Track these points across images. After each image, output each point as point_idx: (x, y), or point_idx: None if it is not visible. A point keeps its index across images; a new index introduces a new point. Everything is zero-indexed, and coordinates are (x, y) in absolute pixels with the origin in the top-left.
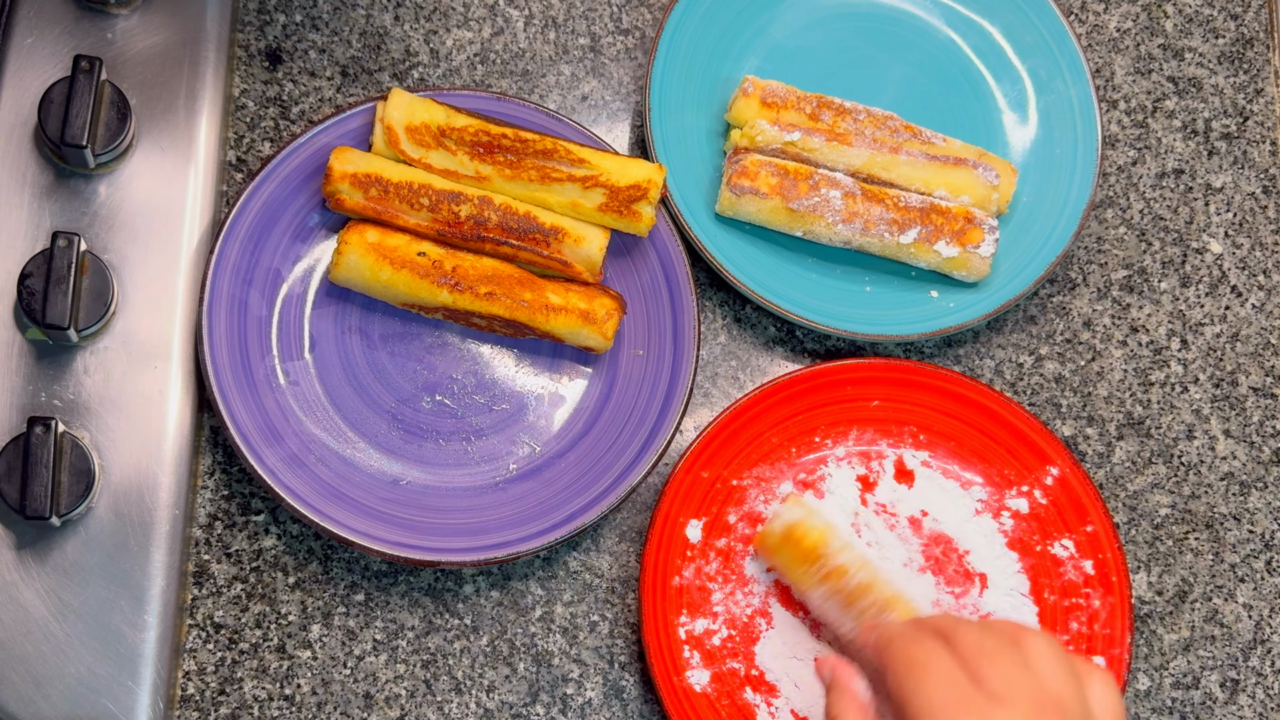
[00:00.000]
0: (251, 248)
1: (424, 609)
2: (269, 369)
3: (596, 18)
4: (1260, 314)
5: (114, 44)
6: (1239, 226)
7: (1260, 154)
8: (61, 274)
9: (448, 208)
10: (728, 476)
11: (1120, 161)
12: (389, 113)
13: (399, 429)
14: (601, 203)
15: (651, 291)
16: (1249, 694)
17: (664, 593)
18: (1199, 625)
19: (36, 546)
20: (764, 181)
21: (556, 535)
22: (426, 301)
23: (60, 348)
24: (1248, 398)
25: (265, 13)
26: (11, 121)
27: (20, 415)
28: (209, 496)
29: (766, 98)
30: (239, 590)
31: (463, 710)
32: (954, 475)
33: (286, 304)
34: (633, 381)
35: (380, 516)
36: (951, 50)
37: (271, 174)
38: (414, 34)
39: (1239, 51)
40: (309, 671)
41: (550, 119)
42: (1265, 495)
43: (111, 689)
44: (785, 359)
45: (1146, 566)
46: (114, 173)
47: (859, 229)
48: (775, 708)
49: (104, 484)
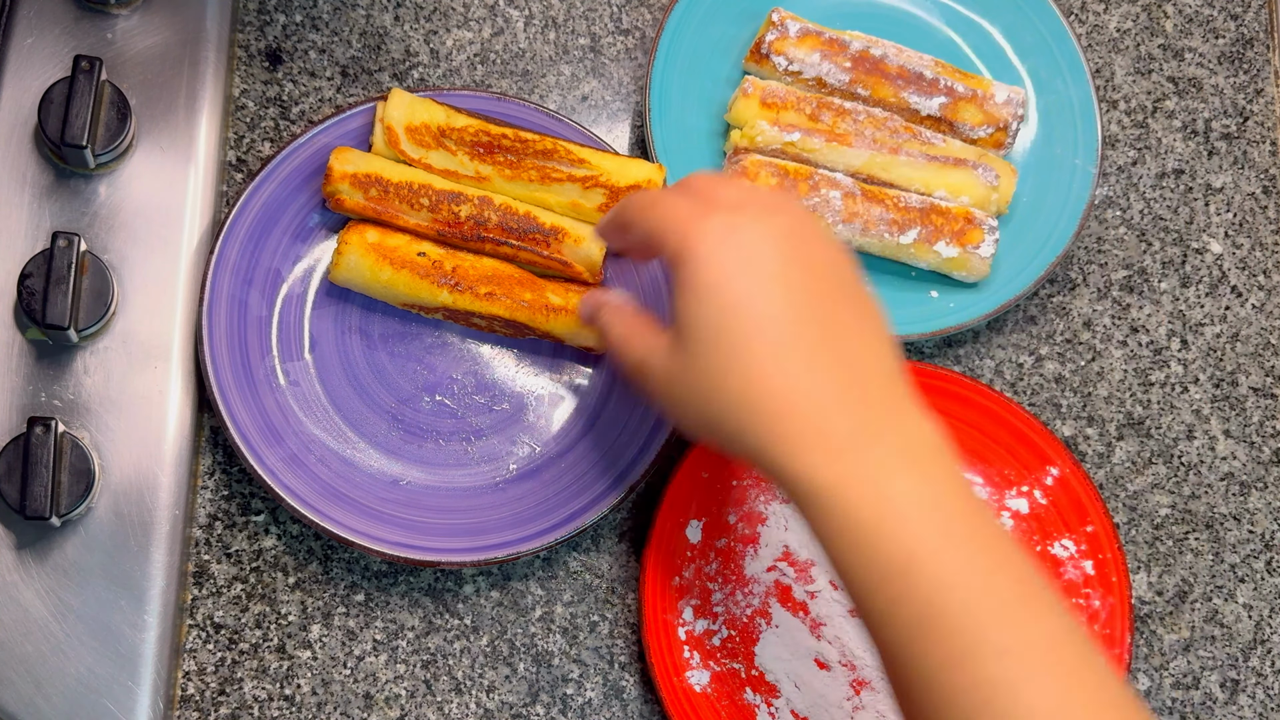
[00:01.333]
0: (251, 248)
1: (424, 609)
2: (269, 369)
3: (596, 18)
4: (1260, 314)
5: (114, 44)
6: (1239, 227)
7: (1260, 154)
8: (61, 274)
9: (448, 208)
10: (728, 476)
11: (1120, 161)
12: (389, 113)
13: (399, 429)
14: (602, 203)
15: (652, 292)
16: (1249, 694)
17: (664, 593)
18: (1199, 625)
19: (36, 546)
20: (764, 182)
21: (556, 535)
22: (427, 302)
23: (60, 348)
24: (1248, 398)
25: (265, 13)
26: (11, 121)
27: (20, 415)
28: (209, 496)
29: (766, 98)
30: (239, 590)
31: (463, 710)
32: None
33: (286, 304)
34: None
35: (380, 516)
36: (951, 50)
37: (271, 174)
38: (414, 34)
39: (1239, 51)
40: (309, 672)
41: (550, 119)
42: (1265, 495)
43: (111, 689)
44: None
45: (1146, 566)
46: (114, 173)
47: (859, 229)
48: (775, 708)
49: (104, 484)
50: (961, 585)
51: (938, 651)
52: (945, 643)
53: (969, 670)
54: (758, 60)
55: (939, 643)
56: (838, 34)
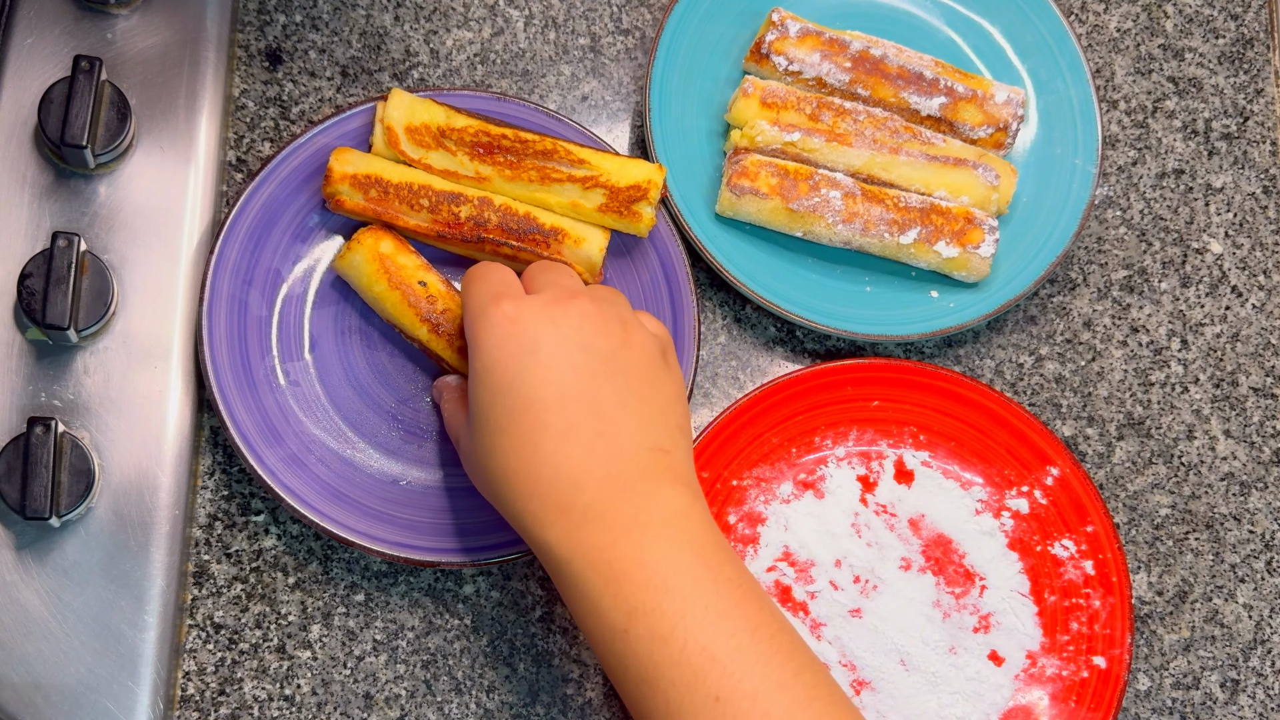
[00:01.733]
0: (251, 248)
1: (424, 609)
2: (269, 369)
3: (596, 18)
4: (1260, 314)
5: (114, 44)
6: (1239, 227)
7: (1260, 154)
8: (61, 274)
9: (448, 209)
10: (728, 477)
11: (1120, 161)
12: (389, 113)
13: (399, 429)
14: (601, 203)
15: (651, 292)
16: (1249, 694)
17: None
18: (1199, 625)
19: (36, 546)
20: (764, 182)
21: None
22: (405, 329)
23: (60, 348)
24: (1248, 398)
25: (265, 13)
26: (11, 121)
27: (20, 415)
28: (209, 496)
29: (766, 98)
30: (239, 590)
31: (463, 710)
32: (954, 475)
33: (286, 304)
34: None
35: (380, 517)
36: (951, 50)
37: (271, 174)
38: (414, 34)
39: (1239, 51)
40: (309, 672)
41: (550, 119)
42: (1265, 495)
43: (111, 689)
44: (785, 359)
45: (1147, 566)
46: (114, 173)
47: (859, 229)
48: None
49: (104, 484)
50: (679, 633)
51: (662, 697)
52: (670, 688)
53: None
54: (758, 60)
55: (665, 690)
56: (838, 34)
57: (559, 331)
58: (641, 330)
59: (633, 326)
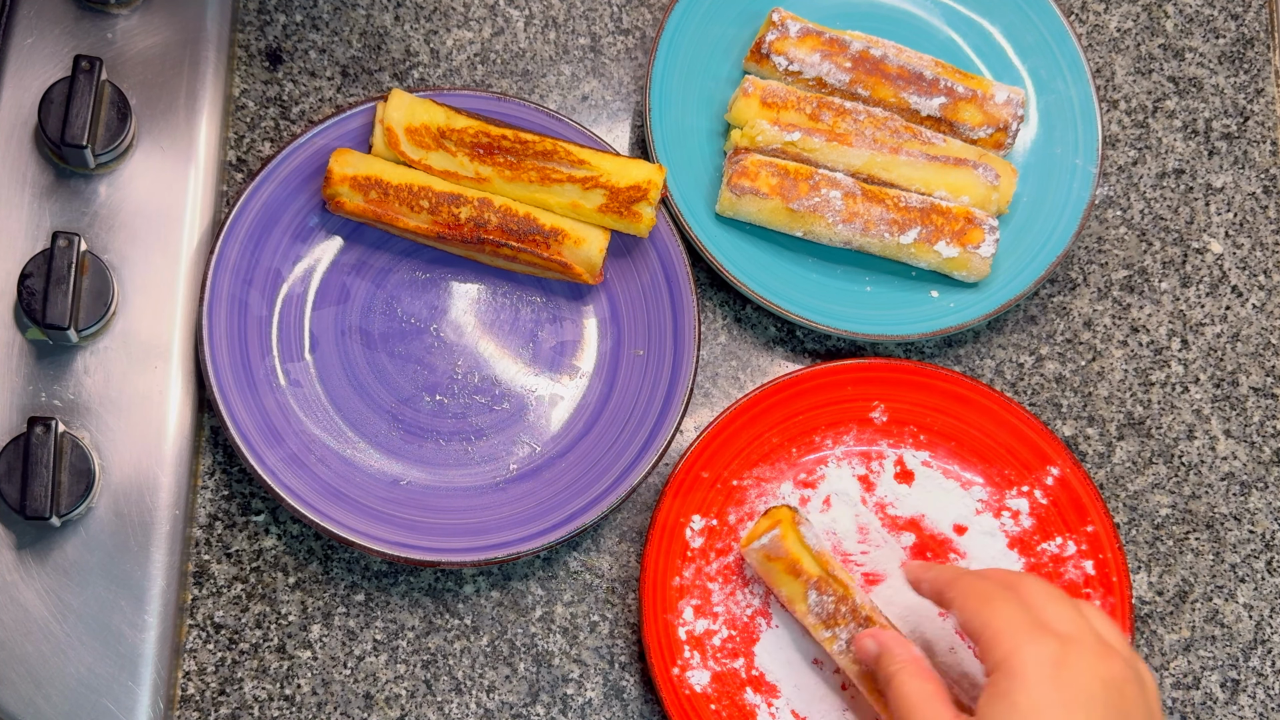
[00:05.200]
0: (251, 248)
1: (424, 609)
2: (269, 369)
3: (596, 18)
4: (1260, 314)
5: (114, 44)
6: (1239, 226)
7: (1260, 154)
8: (61, 274)
9: (448, 210)
10: (728, 476)
11: (1120, 161)
12: (389, 114)
13: (399, 429)
14: (601, 203)
15: (652, 292)
16: (1249, 694)
17: (664, 593)
18: (1199, 625)
19: (36, 546)
20: (764, 182)
21: (556, 535)
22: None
23: (60, 348)
24: (1248, 398)
25: (265, 13)
26: (11, 121)
27: (20, 415)
28: (209, 496)
29: (767, 98)
30: (239, 590)
31: (463, 710)
32: (954, 475)
33: (286, 304)
34: (633, 381)
35: (380, 516)
36: (951, 50)
37: (271, 174)
38: (414, 34)
39: (1239, 51)
40: (309, 671)
41: (550, 119)
42: (1265, 495)
43: (111, 689)
44: (785, 359)
45: (1147, 566)
46: (114, 173)
47: (859, 229)
48: (775, 708)
49: (104, 484)
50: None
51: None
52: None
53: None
54: (758, 60)
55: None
56: (838, 34)
57: (1108, 694)
58: (1158, 696)
59: (1154, 690)
